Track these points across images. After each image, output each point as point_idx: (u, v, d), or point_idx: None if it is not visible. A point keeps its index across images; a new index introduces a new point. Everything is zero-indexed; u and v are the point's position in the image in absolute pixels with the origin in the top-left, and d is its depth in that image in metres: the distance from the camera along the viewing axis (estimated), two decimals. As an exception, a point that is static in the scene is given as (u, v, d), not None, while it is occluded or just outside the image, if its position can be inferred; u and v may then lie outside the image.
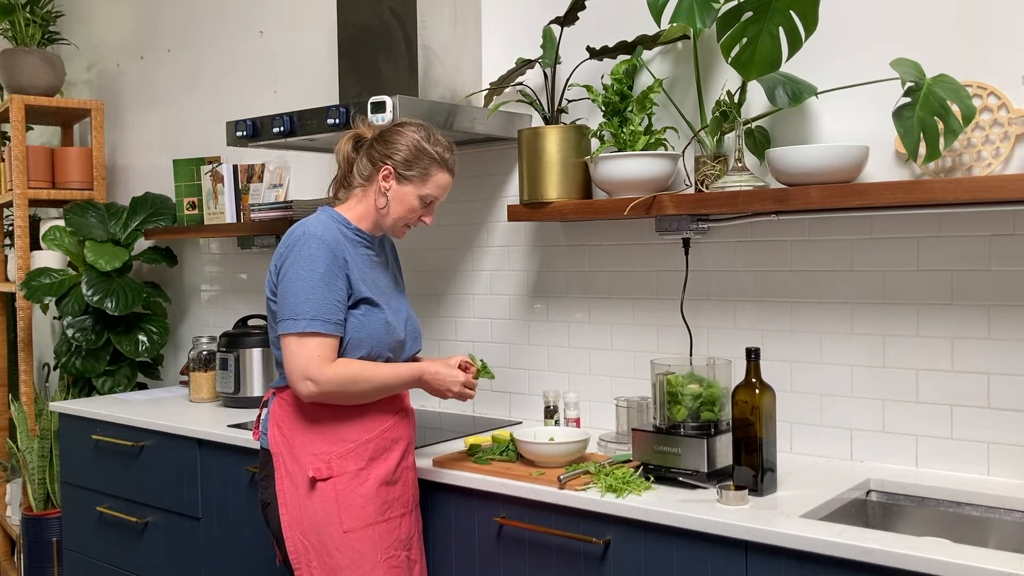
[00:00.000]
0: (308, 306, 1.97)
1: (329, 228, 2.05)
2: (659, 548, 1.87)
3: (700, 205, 2.20)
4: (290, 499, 2.06)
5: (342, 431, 2.07)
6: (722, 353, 2.35)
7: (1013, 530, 1.90)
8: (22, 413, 3.89)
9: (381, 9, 2.74)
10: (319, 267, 1.99)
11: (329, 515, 2.03)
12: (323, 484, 2.04)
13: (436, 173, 2.11)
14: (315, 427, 2.07)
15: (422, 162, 2.09)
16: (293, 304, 1.98)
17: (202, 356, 3.31)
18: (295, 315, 1.98)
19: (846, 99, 2.17)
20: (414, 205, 2.11)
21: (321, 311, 1.97)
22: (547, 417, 2.56)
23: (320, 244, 2.00)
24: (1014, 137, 1.98)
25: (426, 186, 2.10)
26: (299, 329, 1.97)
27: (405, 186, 2.09)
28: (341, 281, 2.02)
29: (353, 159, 2.16)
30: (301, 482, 2.05)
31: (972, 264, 2.06)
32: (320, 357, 1.97)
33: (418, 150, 2.08)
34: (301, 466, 2.06)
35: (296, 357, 1.98)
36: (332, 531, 2.03)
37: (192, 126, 3.91)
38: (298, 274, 1.99)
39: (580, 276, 2.71)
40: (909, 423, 2.14)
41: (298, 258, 2.00)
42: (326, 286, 1.99)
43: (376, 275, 2.14)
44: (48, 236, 3.87)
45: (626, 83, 2.38)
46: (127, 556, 3.12)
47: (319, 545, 2.03)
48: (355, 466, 2.06)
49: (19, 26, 4.08)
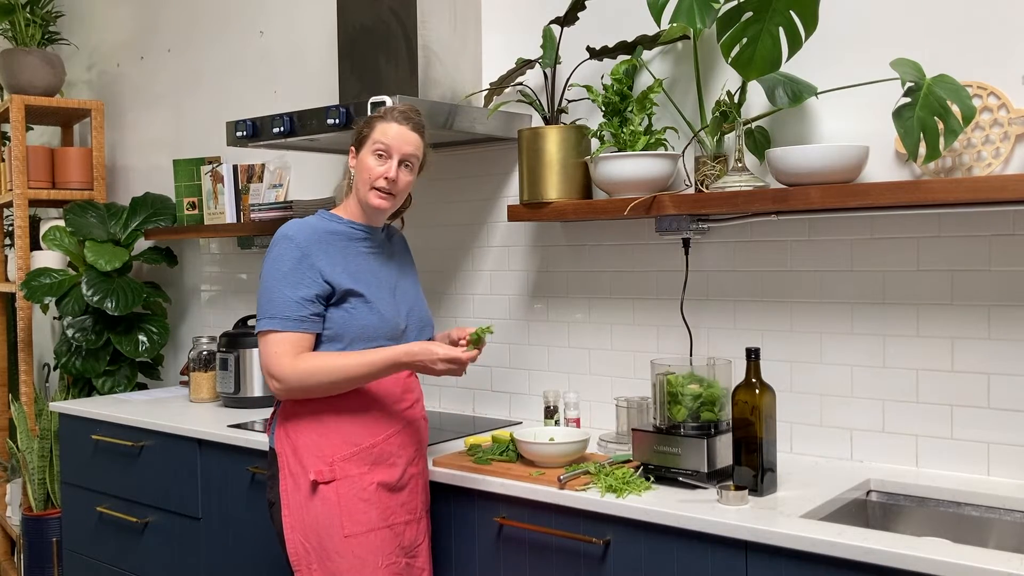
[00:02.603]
0: (269, 306, 2.02)
1: (306, 227, 2.08)
2: (659, 548, 1.87)
3: (700, 205, 2.20)
4: (292, 500, 2.06)
5: (347, 434, 2.06)
6: (722, 353, 2.35)
7: (1013, 530, 1.90)
8: (22, 413, 3.89)
9: (381, 9, 2.74)
10: (284, 266, 2.03)
11: (331, 518, 2.03)
12: (325, 487, 2.03)
13: (379, 124, 2.10)
14: (320, 429, 2.06)
15: (367, 124, 2.12)
16: (260, 305, 2.05)
17: (202, 356, 3.31)
18: (260, 315, 2.04)
19: (846, 99, 2.17)
20: (370, 164, 2.08)
21: (279, 310, 2.01)
22: (547, 417, 2.56)
23: (288, 244, 2.05)
24: (1014, 137, 1.98)
25: (372, 139, 2.08)
26: (260, 328, 2.03)
27: (361, 154, 2.11)
28: (309, 279, 2.02)
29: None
30: (304, 484, 2.05)
31: (972, 264, 2.06)
32: (278, 354, 2.00)
33: (363, 122, 2.13)
34: (304, 468, 2.06)
35: (264, 356, 2.03)
36: (333, 535, 2.02)
37: (192, 126, 3.91)
38: (264, 275, 2.06)
39: (580, 276, 2.71)
40: (909, 423, 2.14)
41: (267, 260, 2.07)
42: (289, 285, 2.01)
43: (372, 266, 2.13)
44: (48, 236, 3.88)
45: (626, 83, 2.38)
46: (127, 556, 3.12)
47: (320, 548, 2.03)
48: (358, 470, 2.06)
49: (19, 26, 4.08)
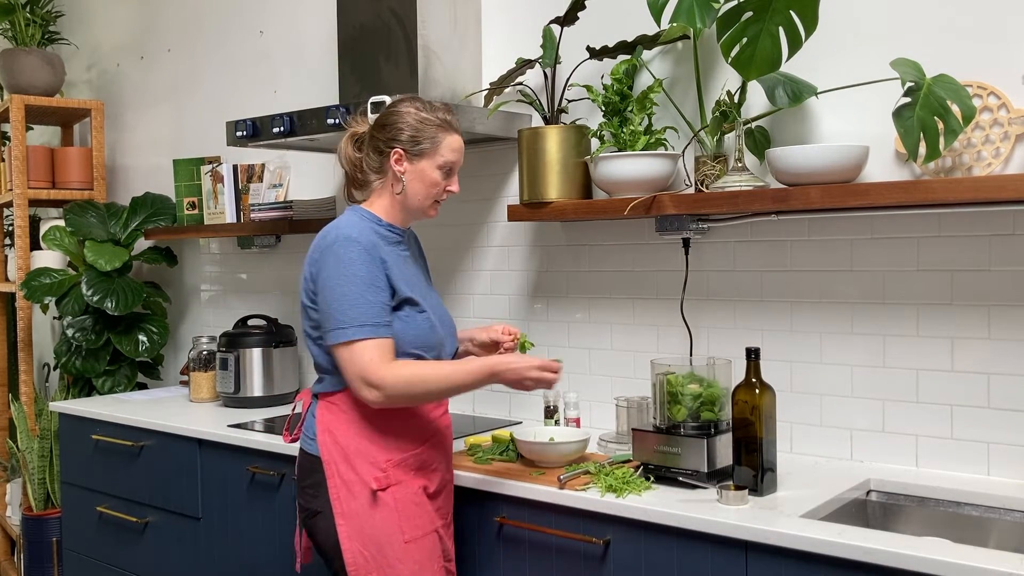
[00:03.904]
0: (354, 312, 1.89)
1: (363, 228, 1.98)
2: (659, 548, 1.87)
3: (700, 205, 2.20)
4: (348, 509, 1.96)
5: (395, 439, 2.00)
6: (722, 353, 2.35)
7: (1013, 530, 1.90)
8: (22, 413, 3.89)
9: (381, 9, 2.74)
10: (359, 270, 1.91)
11: (390, 525, 1.96)
12: (383, 493, 1.96)
13: (445, 138, 2.02)
14: (370, 435, 1.99)
15: (427, 132, 2.01)
16: (338, 312, 1.90)
17: (202, 356, 3.31)
18: (342, 323, 1.90)
19: (846, 99, 2.17)
20: (435, 178, 2.02)
21: (369, 315, 1.90)
22: (547, 417, 2.56)
23: (356, 246, 1.92)
24: (1014, 137, 1.98)
25: (439, 154, 2.02)
26: (348, 338, 1.89)
27: (419, 163, 2.01)
28: (382, 282, 1.94)
29: (358, 159, 2.09)
30: (360, 491, 1.96)
31: (972, 264, 2.06)
32: (374, 360, 1.88)
33: (420, 122, 2.01)
34: (359, 475, 1.97)
35: (352, 365, 1.90)
36: (394, 541, 1.95)
37: (192, 126, 3.91)
38: (338, 280, 1.91)
39: (580, 276, 2.71)
40: (909, 423, 2.14)
41: (336, 263, 1.92)
42: (370, 289, 1.91)
43: (411, 272, 2.07)
44: (48, 236, 3.88)
45: (626, 83, 2.38)
46: (127, 556, 3.12)
47: (380, 556, 1.95)
48: (409, 475, 2.00)
49: (19, 26, 4.08)
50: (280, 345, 3.19)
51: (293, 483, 2.33)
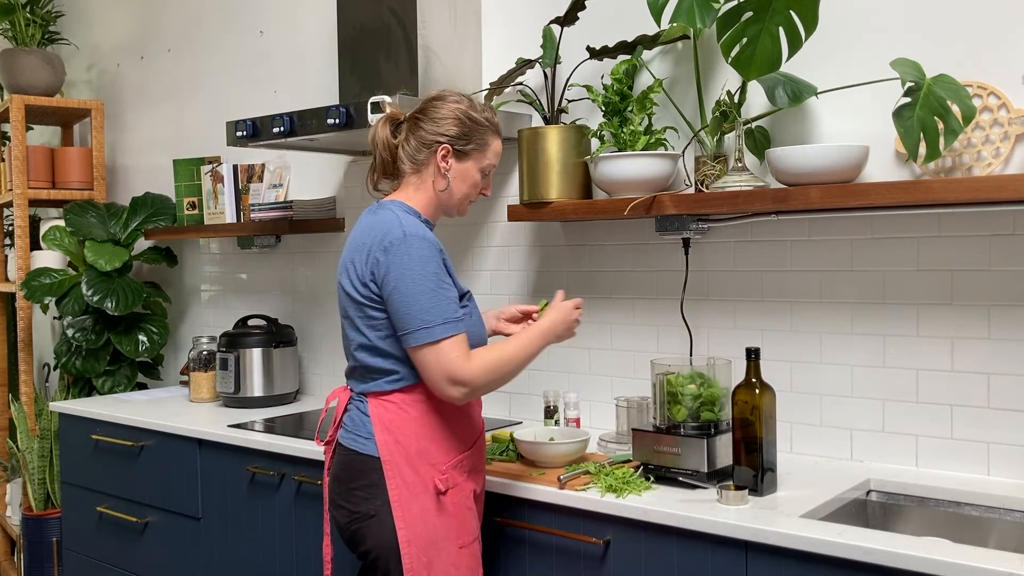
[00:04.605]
0: (437, 311, 1.85)
1: (420, 224, 1.93)
2: (659, 548, 1.87)
3: (700, 205, 2.20)
4: (408, 513, 1.90)
5: (454, 440, 1.96)
6: (722, 353, 2.35)
7: (1013, 530, 1.90)
8: (22, 413, 3.89)
9: (381, 9, 2.74)
10: (432, 267, 1.87)
11: (449, 529, 1.92)
12: (443, 496, 1.92)
13: (492, 142, 2.00)
14: (431, 435, 1.94)
15: (477, 133, 1.97)
16: (420, 312, 1.85)
17: (202, 356, 3.32)
18: (426, 323, 1.85)
19: (846, 99, 2.17)
20: (477, 180, 2.00)
21: (449, 312, 1.86)
22: (547, 417, 2.56)
23: (425, 243, 1.88)
24: (1014, 137, 1.98)
25: (485, 157, 2.00)
26: (435, 337, 1.84)
27: (465, 162, 1.98)
28: (451, 278, 1.92)
29: (394, 144, 2.00)
30: (422, 494, 1.91)
31: (972, 264, 2.06)
32: (460, 357, 1.85)
33: (471, 121, 1.96)
34: (420, 476, 1.91)
35: (437, 365, 1.85)
36: (450, 546, 1.92)
37: (192, 126, 3.91)
38: (414, 279, 1.86)
39: (580, 276, 2.71)
40: (909, 423, 2.14)
41: (409, 263, 1.86)
42: (446, 286, 1.89)
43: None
44: (48, 236, 3.88)
45: (626, 83, 2.38)
46: (127, 556, 3.12)
47: (435, 561, 1.90)
48: (463, 477, 1.97)
49: (19, 26, 4.08)
50: (280, 345, 3.19)
51: (318, 486, 2.28)
